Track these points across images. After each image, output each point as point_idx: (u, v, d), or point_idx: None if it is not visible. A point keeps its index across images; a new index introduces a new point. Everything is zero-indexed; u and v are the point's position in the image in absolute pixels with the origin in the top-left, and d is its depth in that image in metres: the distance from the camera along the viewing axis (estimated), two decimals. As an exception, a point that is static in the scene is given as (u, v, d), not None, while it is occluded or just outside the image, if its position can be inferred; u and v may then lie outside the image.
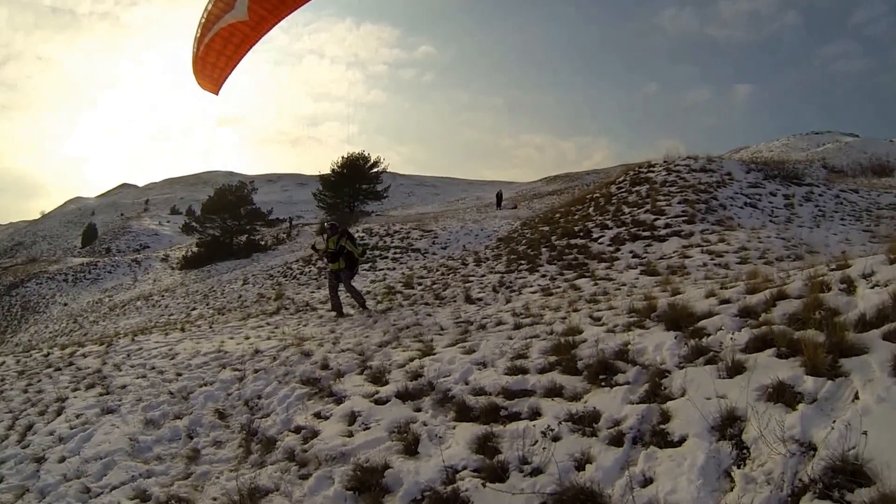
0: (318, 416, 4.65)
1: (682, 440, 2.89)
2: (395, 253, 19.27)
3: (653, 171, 15.46)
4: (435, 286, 11.72)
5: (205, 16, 6.57)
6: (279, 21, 6.50)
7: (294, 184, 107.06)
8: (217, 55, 6.79)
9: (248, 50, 6.77)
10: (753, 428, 2.69)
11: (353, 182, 38.15)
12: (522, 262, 11.95)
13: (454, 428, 3.72)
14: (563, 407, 3.54)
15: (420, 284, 12.35)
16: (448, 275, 12.92)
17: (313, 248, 10.97)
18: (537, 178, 72.00)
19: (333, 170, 38.38)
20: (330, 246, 9.11)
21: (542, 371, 4.19)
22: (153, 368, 7.54)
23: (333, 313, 9.51)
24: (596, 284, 8.62)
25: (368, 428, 4.09)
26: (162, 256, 45.98)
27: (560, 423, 3.35)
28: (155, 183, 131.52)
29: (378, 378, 5.06)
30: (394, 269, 16.86)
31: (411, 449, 3.57)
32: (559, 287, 9.00)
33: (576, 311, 6.00)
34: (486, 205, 40.51)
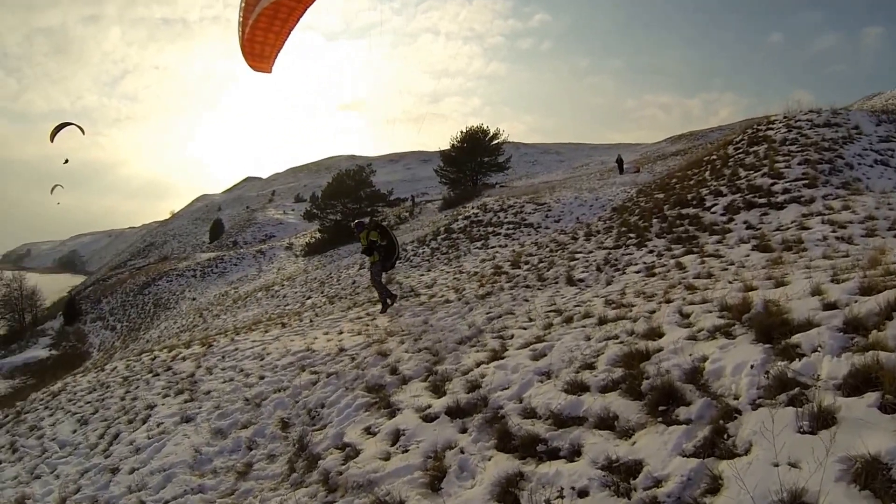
0: (367, 431, 4.83)
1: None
2: (507, 229, 20.61)
3: (772, 129, 15.42)
4: (541, 265, 12.56)
5: (244, 1, 7.24)
6: None
7: (417, 161, 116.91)
8: (265, 33, 7.43)
9: (296, 22, 7.36)
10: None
11: (475, 155, 42.94)
12: (632, 235, 12.61)
13: (489, 459, 3.67)
14: (607, 447, 3.29)
15: (527, 263, 13.18)
16: (556, 252, 13.83)
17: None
18: (662, 138, 76.91)
19: (453, 145, 43.09)
20: (363, 241, 10.43)
21: (602, 390, 4.01)
22: (241, 371, 8.37)
23: (386, 303, 10.82)
24: (703, 263, 8.78)
25: (407, 451, 4.18)
26: (286, 245, 50.85)
27: (595, 470, 3.12)
28: (279, 173, 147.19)
29: (438, 387, 5.19)
30: (505, 245, 18.18)
31: (435, 484, 3.60)
32: (664, 265, 9.37)
33: (668, 301, 5.87)
34: (610, 169, 42.76)
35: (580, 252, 12.71)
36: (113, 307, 49.43)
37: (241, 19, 7.42)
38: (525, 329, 6.50)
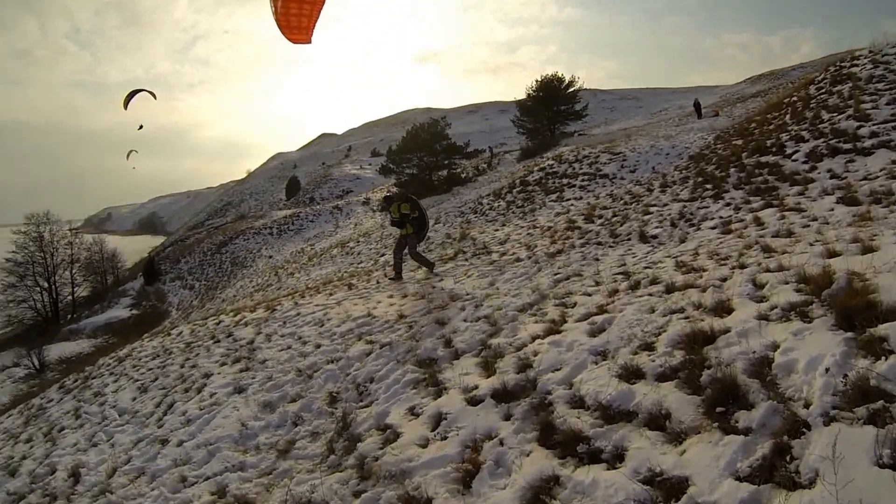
0: (411, 411, 4.82)
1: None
2: (582, 180, 21.40)
3: (856, 65, 15.28)
4: (614, 219, 12.92)
5: None
6: None
7: (495, 111, 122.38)
8: (299, 4, 7.79)
9: None
10: None
11: (550, 105, 44.54)
12: (708, 186, 12.77)
13: (528, 455, 3.55)
14: (652, 455, 3.04)
15: (600, 217, 13.64)
16: (631, 204, 14.15)
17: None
18: (742, 79, 78.84)
19: (529, 94, 45.07)
20: (394, 214, 11.06)
21: (659, 378, 3.76)
22: (299, 339, 8.59)
23: (394, 275, 11.65)
24: (783, 218, 8.72)
25: (446, 438, 4.13)
26: (363, 200, 51.97)
27: (634, 483, 2.88)
28: (354, 129, 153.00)
29: (489, 365, 5.11)
30: (580, 198, 18.85)
31: (467, 481, 3.53)
32: (742, 220, 9.39)
33: (742, 267, 5.69)
34: (688, 114, 44.01)
35: (655, 205, 13.01)
36: (191, 267, 52.61)
37: None
38: (589, 296, 6.43)
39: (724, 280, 5.32)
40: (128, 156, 33.16)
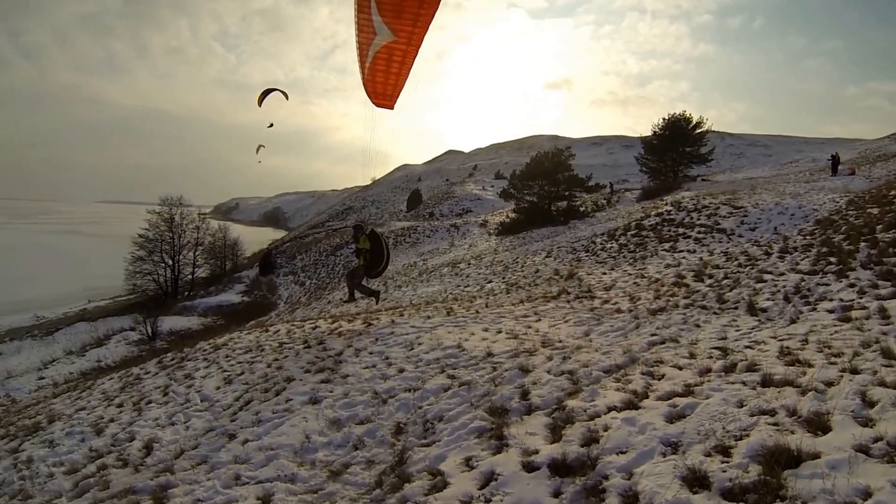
0: (466, 462, 4.76)
1: None
2: (698, 232, 21.04)
3: None
4: (724, 282, 12.44)
5: (357, 46, 8.14)
6: (426, 31, 7.71)
7: (619, 146, 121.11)
8: (384, 74, 8.35)
9: (412, 63, 8.20)
10: None
11: (676, 145, 44.18)
12: (832, 259, 11.85)
13: None
14: None
15: (711, 277, 13.27)
16: (745, 267, 13.59)
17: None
18: (885, 133, 73.35)
19: (655, 132, 44.80)
20: (361, 244, 12.33)
21: (724, 495, 3.46)
22: (386, 359, 8.80)
23: (348, 297, 13.63)
24: None
25: (489, 502, 4.04)
26: (481, 221, 52.41)
27: None
28: (480, 149, 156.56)
29: (557, 429, 4.99)
30: (693, 251, 18.48)
31: None
32: (864, 308, 8.47)
33: (854, 372, 5.22)
34: (821, 168, 43.00)
35: (770, 272, 12.34)
36: (305, 264, 55.26)
37: (359, 61, 8.38)
38: (679, 369, 6.26)
39: (830, 385, 4.90)
40: (257, 150, 35.43)
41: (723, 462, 3.80)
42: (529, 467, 4.37)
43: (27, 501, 6.36)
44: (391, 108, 9.04)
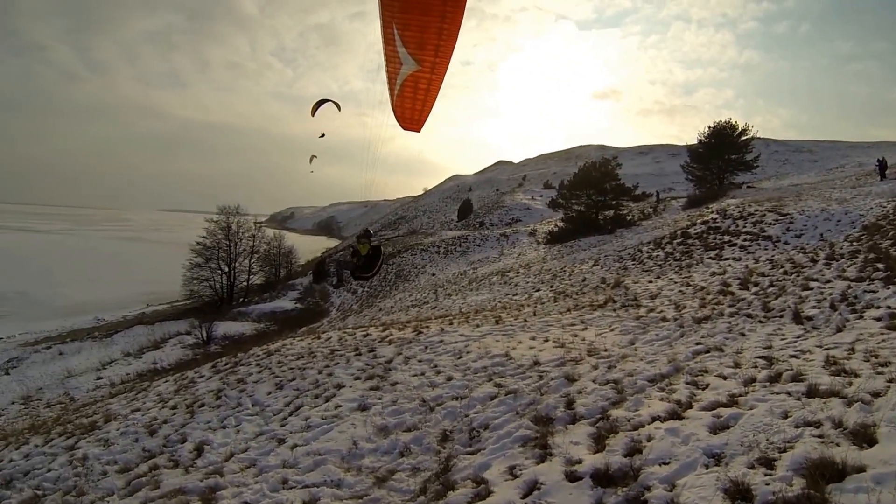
0: (510, 471, 4.78)
1: None
2: (744, 240, 20.92)
3: None
4: (770, 290, 12.27)
5: (387, 75, 8.55)
6: (448, 61, 8.08)
7: (666, 154, 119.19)
8: (412, 101, 8.79)
9: (437, 90, 8.63)
10: None
11: (721, 152, 44.18)
12: (879, 266, 11.84)
13: None
14: None
15: (756, 285, 13.03)
16: (791, 275, 13.46)
17: None
18: None
19: (700, 140, 45.58)
20: (362, 250, 12.79)
21: None
22: (435, 367, 8.93)
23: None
24: None
25: None
26: (530, 231, 52.22)
27: None
28: (529, 159, 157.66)
29: (601, 438, 4.99)
30: (739, 259, 18.25)
31: None
32: None
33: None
34: (867, 173, 41.08)
35: (816, 280, 12.30)
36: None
37: (388, 89, 8.80)
38: (724, 378, 6.18)
39: (877, 396, 4.76)
40: (311, 160, 36.15)
41: (766, 475, 3.74)
42: (572, 477, 4.37)
43: (81, 498, 6.61)
44: (418, 131, 9.43)
